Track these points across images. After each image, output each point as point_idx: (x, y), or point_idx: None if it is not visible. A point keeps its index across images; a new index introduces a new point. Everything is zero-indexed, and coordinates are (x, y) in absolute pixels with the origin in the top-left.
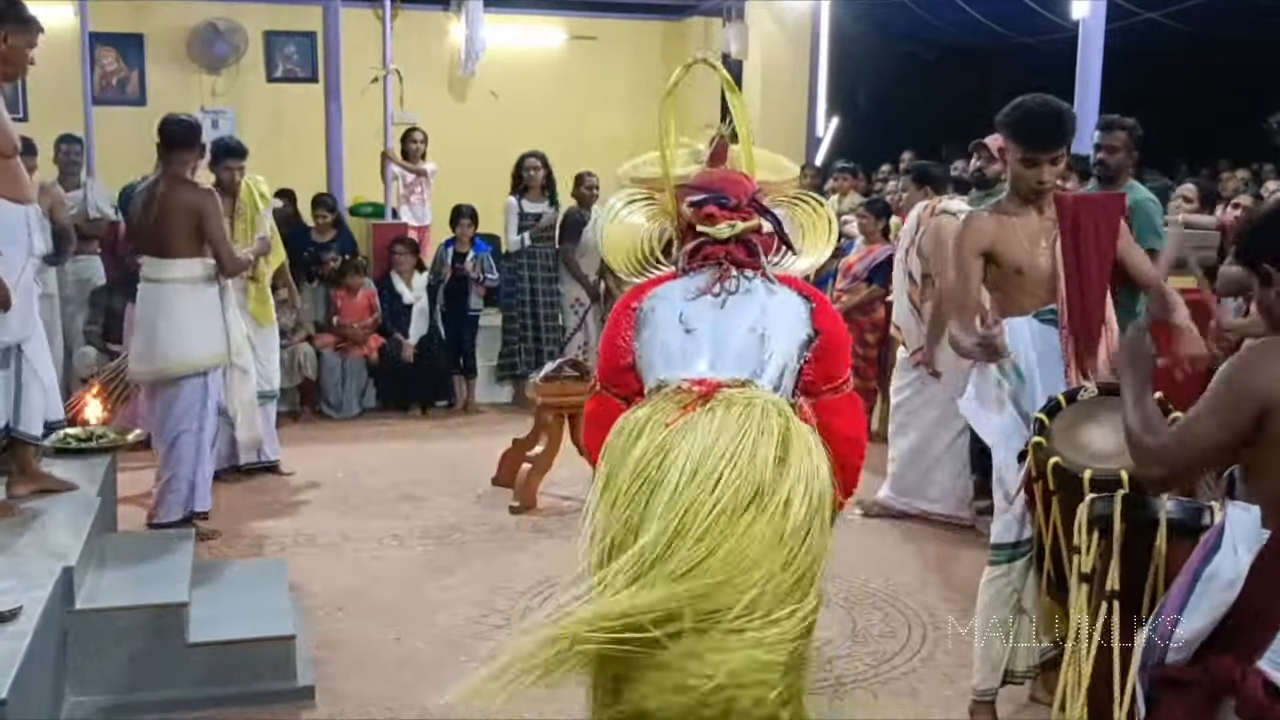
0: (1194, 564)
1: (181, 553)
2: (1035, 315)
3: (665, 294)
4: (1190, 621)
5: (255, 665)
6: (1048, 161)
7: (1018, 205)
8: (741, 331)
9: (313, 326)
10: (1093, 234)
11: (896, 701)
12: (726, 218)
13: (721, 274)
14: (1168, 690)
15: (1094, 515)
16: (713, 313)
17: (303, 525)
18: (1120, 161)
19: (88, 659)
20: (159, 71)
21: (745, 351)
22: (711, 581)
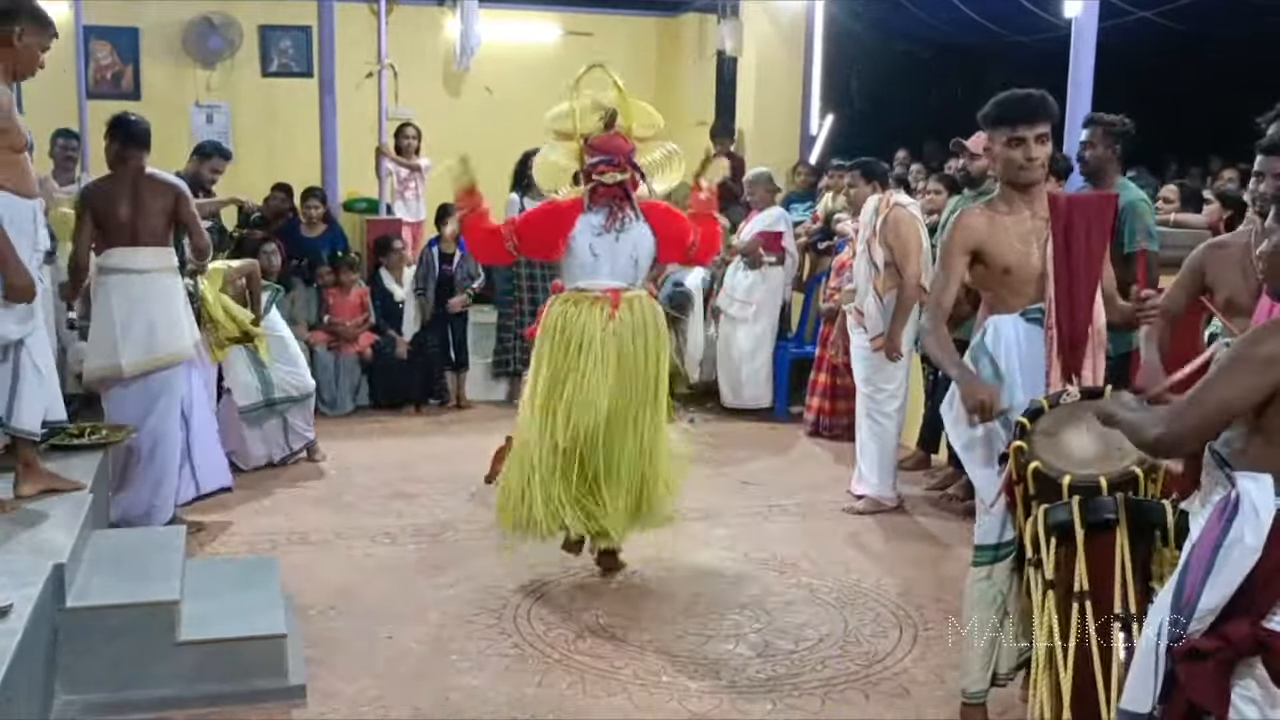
0: (1212, 535)
1: (173, 550)
2: (1022, 314)
3: (581, 228)
4: (1214, 590)
5: (247, 663)
6: (1033, 138)
7: (1010, 203)
8: (625, 257)
9: (306, 324)
10: (1084, 235)
11: (888, 701)
12: (611, 171)
13: (612, 215)
14: (1189, 663)
15: (1051, 523)
16: (610, 244)
17: (295, 523)
18: (1098, 157)
19: (78, 657)
20: (154, 66)
21: (627, 269)
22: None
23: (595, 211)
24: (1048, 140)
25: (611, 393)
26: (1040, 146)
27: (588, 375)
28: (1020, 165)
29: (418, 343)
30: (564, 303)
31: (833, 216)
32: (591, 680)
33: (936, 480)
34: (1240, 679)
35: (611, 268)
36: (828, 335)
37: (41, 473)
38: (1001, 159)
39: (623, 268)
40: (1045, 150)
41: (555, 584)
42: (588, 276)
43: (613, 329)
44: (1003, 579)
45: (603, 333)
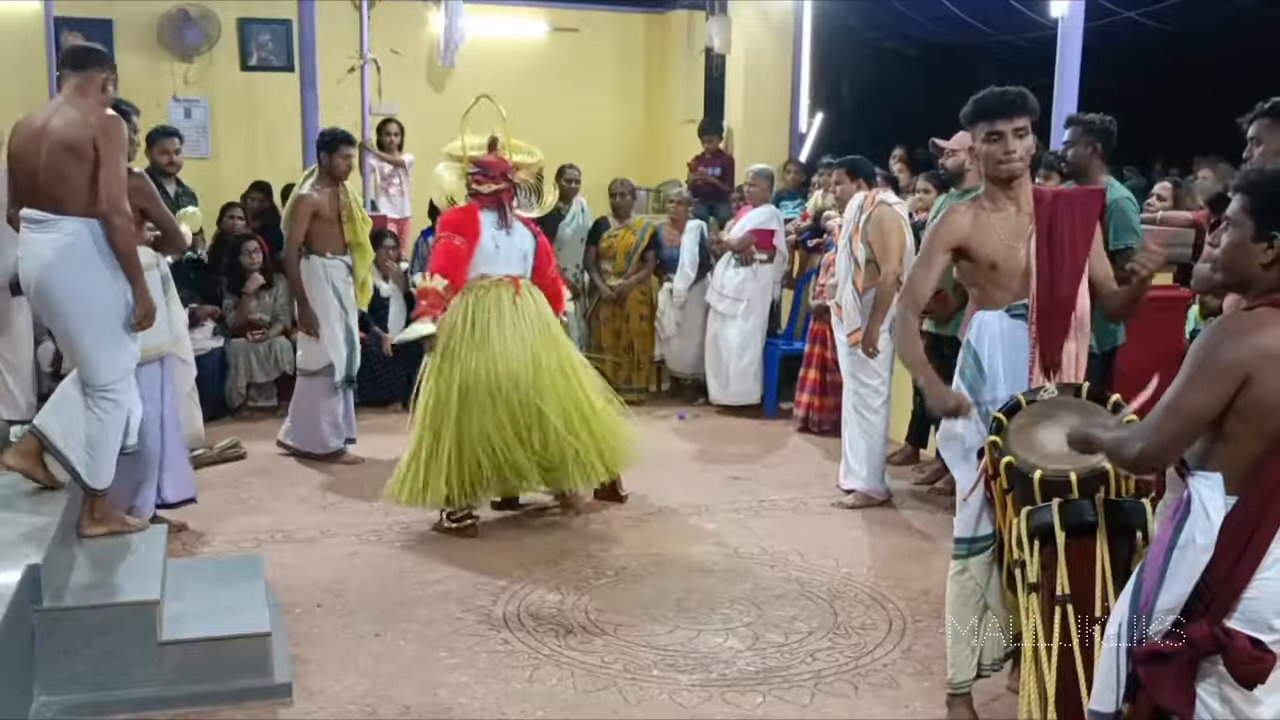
0: (1165, 536)
1: (154, 550)
2: (1007, 310)
3: (485, 223)
4: (1170, 590)
5: (230, 663)
6: (1011, 132)
7: (996, 200)
8: (516, 250)
9: (288, 321)
10: (1068, 231)
11: (877, 693)
12: (486, 182)
13: (503, 215)
14: (1149, 666)
15: (1034, 525)
16: (505, 239)
17: (280, 521)
18: (1079, 156)
19: (56, 658)
20: (129, 58)
21: (519, 261)
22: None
23: (489, 211)
24: (1027, 134)
25: (524, 358)
26: (1019, 140)
27: (495, 338)
28: (998, 159)
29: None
30: (470, 290)
31: (822, 214)
32: (581, 675)
33: (925, 474)
34: (1205, 678)
35: (508, 259)
36: (817, 332)
37: (110, 514)
38: (982, 154)
39: (516, 261)
40: (1024, 144)
41: (544, 580)
42: (490, 264)
43: (520, 305)
44: (980, 572)
45: (512, 307)
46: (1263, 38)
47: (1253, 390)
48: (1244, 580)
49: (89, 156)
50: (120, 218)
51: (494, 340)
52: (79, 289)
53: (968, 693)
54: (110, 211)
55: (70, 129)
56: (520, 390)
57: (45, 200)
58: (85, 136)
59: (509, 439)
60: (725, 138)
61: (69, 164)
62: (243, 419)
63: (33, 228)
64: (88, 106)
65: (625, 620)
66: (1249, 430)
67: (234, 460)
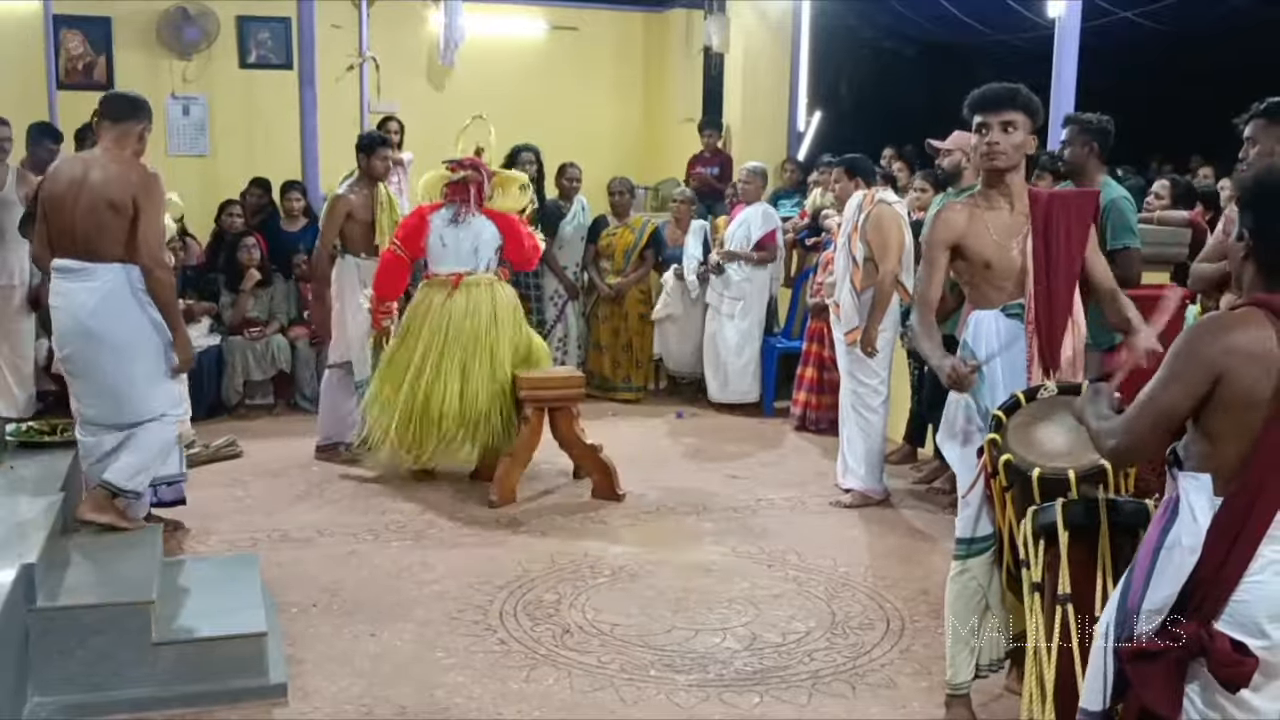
0: (1153, 536)
1: (149, 549)
2: (1003, 309)
3: (436, 221)
4: (1156, 591)
5: (225, 663)
6: (998, 124)
7: (990, 199)
8: (467, 246)
9: (285, 319)
10: (1063, 231)
11: (874, 693)
12: (458, 169)
13: (458, 211)
14: (1138, 664)
15: (1038, 525)
16: (455, 234)
17: (277, 521)
18: (1075, 156)
19: (50, 658)
20: (127, 56)
21: (468, 256)
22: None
23: (446, 209)
24: (1016, 130)
25: (439, 351)
26: (1005, 134)
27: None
28: (983, 151)
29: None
30: (423, 288)
31: (820, 212)
32: (578, 675)
33: (923, 474)
34: (1194, 680)
35: (456, 256)
36: (815, 330)
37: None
38: (974, 148)
39: (465, 255)
40: (1010, 139)
41: (541, 580)
42: (437, 263)
43: (448, 306)
44: (981, 572)
45: (440, 308)
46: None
47: (1227, 388)
48: (1232, 582)
49: (129, 212)
50: (162, 270)
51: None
52: (125, 332)
53: (966, 693)
54: (152, 265)
55: (111, 186)
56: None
57: (82, 250)
58: (127, 194)
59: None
60: (724, 136)
61: (108, 218)
62: (239, 417)
63: (68, 277)
64: (127, 162)
65: (622, 620)
66: (1230, 429)
67: (231, 459)
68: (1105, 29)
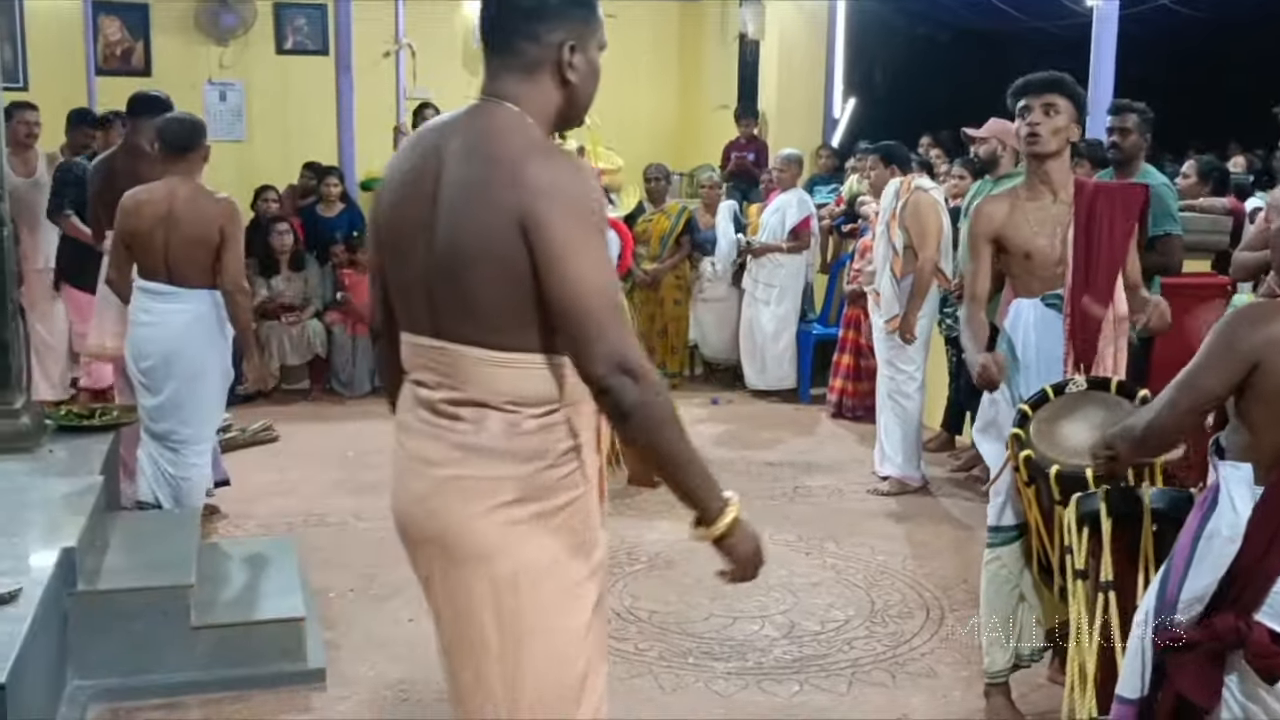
0: (1193, 525)
1: (187, 533)
2: (1042, 299)
3: None
4: (1195, 580)
5: (264, 647)
6: (1038, 107)
7: (1033, 188)
8: None
9: (320, 303)
10: (1107, 223)
11: (915, 682)
12: None
13: None
14: (1175, 653)
15: (1081, 512)
16: None
17: (312, 505)
18: (1133, 144)
19: (90, 641)
20: (165, 42)
21: None
22: None
23: None
24: (1057, 112)
25: None
26: (1046, 116)
27: None
28: (1024, 134)
29: None
30: None
31: (856, 199)
32: (616, 662)
33: (961, 461)
34: (1233, 670)
35: None
36: (851, 317)
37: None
38: (1016, 132)
39: None
40: (1051, 122)
41: None
42: None
43: None
44: (1012, 561)
45: None
46: None
47: (1264, 378)
48: (1273, 573)
49: (215, 243)
50: (242, 295)
51: None
52: (204, 353)
53: (1005, 683)
54: (235, 290)
55: (200, 224)
56: None
57: (172, 277)
58: (214, 229)
59: None
60: (759, 123)
61: (198, 250)
62: (275, 401)
63: (157, 298)
64: (208, 196)
65: (660, 607)
66: (1269, 419)
67: (267, 443)
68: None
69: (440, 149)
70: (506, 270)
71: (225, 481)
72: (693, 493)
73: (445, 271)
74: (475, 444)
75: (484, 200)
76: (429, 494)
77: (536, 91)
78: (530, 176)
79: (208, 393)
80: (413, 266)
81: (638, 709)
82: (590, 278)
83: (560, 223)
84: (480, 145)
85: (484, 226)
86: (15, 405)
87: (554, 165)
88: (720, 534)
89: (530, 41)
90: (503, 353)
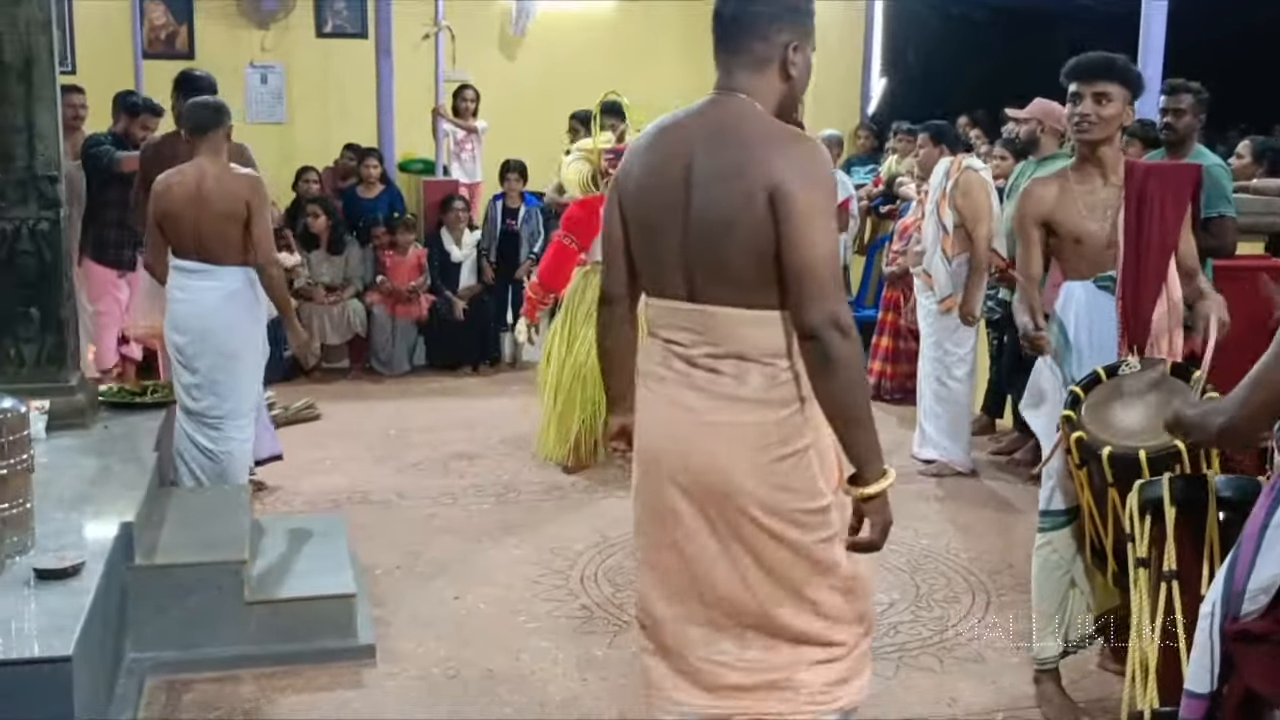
0: (1259, 514)
1: (240, 509)
2: (1094, 280)
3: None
4: (1262, 570)
5: (315, 623)
6: (1090, 95)
7: (1082, 170)
8: None
9: (360, 283)
10: (1158, 205)
11: (963, 667)
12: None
13: None
14: (1243, 645)
15: (1144, 500)
16: None
17: (356, 483)
18: (1187, 125)
19: (147, 615)
20: (208, 25)
21: None
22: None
23: None
24: (1109, 100)
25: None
26: (1097, 105)
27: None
28: (1074, 123)
29: (475, 303)
30: (586, 274)
31: (895, 180)
32: None
33: (1002, 445)
34: None
35: None
36: (890, 299)
37: None
38: (1067, 118)
39: None
40: (1102, 111)
41: (620, 546)
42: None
43: None
44: (1063, 546)
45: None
46: None
47: None
48: None
49: (243, 218)
50: (275, 268)
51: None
52: (238, 329)
53: (1055, 668)
54: (266, 264)
55: (228, 200)
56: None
57: (205, 255)
58: (240, 203)
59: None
60: None
61: (228, 226)
62: (316, 380)
63: (193, 276)
64: (231, 172)
65: None
66: None
67: (309, 421)
68: None
69: (687, 139)
70: (757, 237)
71: (278, 456)
72: (861, 451)
73: (704, 243)
74: (739, 394)
75: (739, 178)
76: (697, 438)
77: (764, 84)
78: (779, 156)
79: (243, 368)
80: (668, 242)
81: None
82: (822, 243)
83: (803, 195)
84: (729, 132)
85: (740, 200)
86: (71, 382)
87: (799, 146)
88: (871, 495)
89: (762, 41)
90: (752, 310)
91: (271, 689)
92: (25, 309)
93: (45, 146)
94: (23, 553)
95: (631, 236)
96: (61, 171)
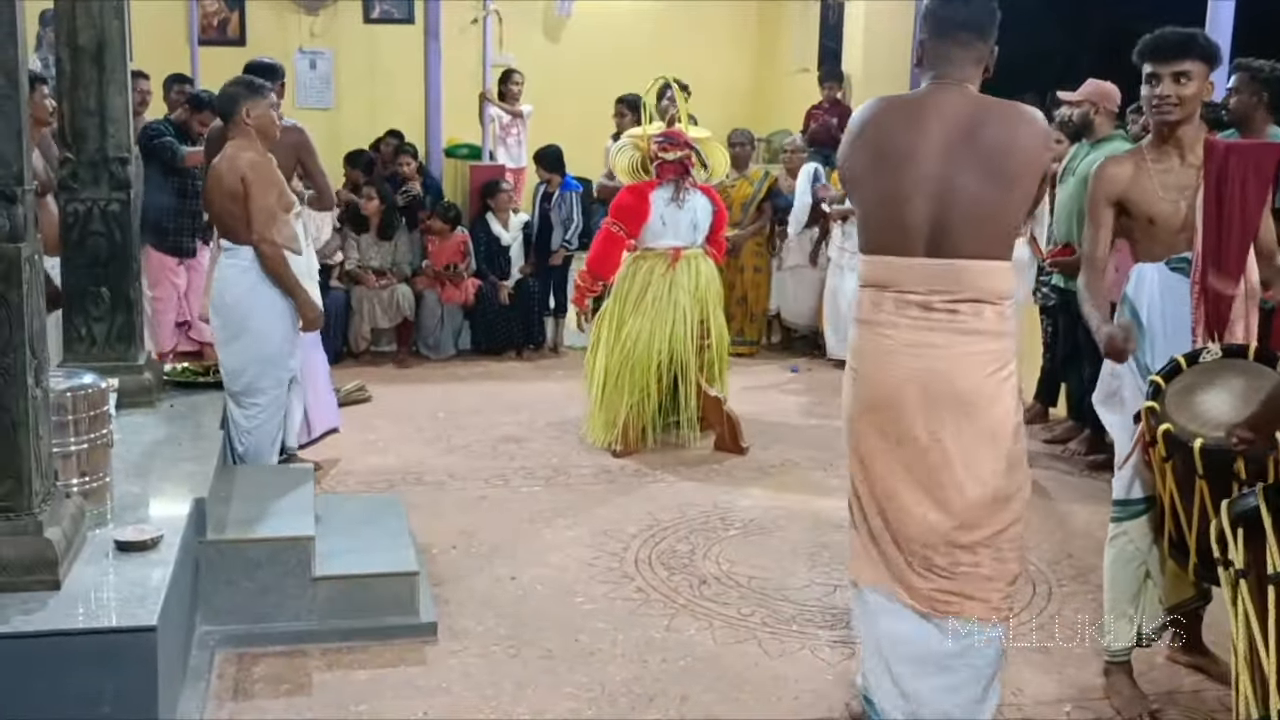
0: None
1: (304, 487)
2: (1167, 263)
3: (655, 200)
4: None
5: (380, 600)
6: (1168, 75)
7: (1158, 150)
8: (686, 221)
9: (409, 268)
10: (1239, 184)
11: (1025, 657)
12: (672, 149)
13: (678, 189)
14: None
15: (1237, 512)
16: (674, 212)
17: (408, 464)
18: (1242, 105)
19: (218, 588)
20: (258, 12)
21: (686, 231)
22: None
23: (665, 187)
24: (1188, 80)
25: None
26: (1175, 85)
27: (648, 312)
28: (1152, 104)
29: (520, 288)
30: (635, 260)
31: None
32: (720, 626)
33: (1055, 434)
34: None
35: (675, 232)
36: None
37: None
38: (1142, 97)
39: (684, 232)
40: (1181, 90)
41: (672, 530)
42: (655, 239)
43: (670, 278)
44: (1139, 536)
45: (661, 279)
46: None
47: None
48: None
49: (242, 196)
50: (267, 245)
51: (644, 311)
52: (254, 304)
53: (1127, 661)
54: (258, 241)
55: (227, 176)
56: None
57: (225, 232)
58: (237, 179)
59: (652, 395)
60: (843, 87)
61: (232, 204)
62: (365, 363)
63: (223, 254)
64: (234, 149)
65: (758, 573)
66: None
67: (360, 403)
68: None
69: (923, 124)
70: (1013, 196)
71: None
72: None
73: (963, 204)
74: (977, 328)
75: (1000, 151)
76: (942, 368)
77: (976, 76)
78: (1027, 127)
79: (260, 344)
80: (915, 206)
81: (746, 673)
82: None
83: (1042, 160)
84: (976, 115)
85: (1001, 167)
86: (139, 361)
87: (1037, 120)
88: None
89: (983, 42)
90: (993, 261)
91: (338, 664)
92: (96, 288)
93: (116, 129)
94: (102, 525)
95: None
96: (132, 154)
